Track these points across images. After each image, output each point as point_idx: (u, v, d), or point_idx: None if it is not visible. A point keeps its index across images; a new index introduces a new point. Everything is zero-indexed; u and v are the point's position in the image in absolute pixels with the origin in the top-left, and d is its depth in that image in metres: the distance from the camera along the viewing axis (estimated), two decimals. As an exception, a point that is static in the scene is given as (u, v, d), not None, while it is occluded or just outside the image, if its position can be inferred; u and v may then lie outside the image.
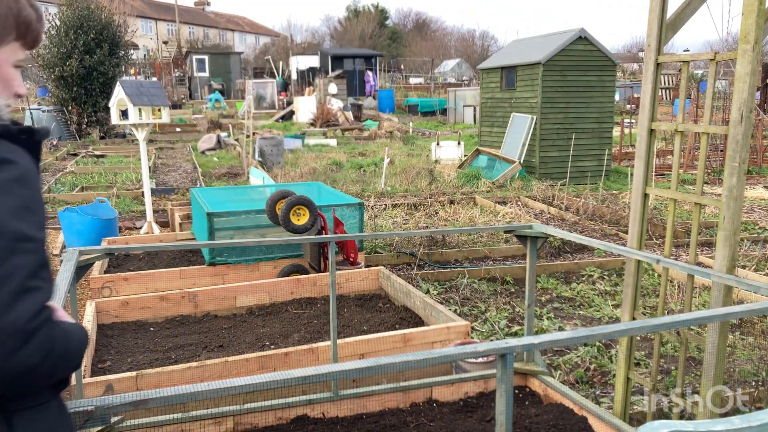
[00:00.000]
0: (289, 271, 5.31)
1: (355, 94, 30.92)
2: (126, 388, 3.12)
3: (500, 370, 1.61)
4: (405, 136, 19.27)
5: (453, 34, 59.41)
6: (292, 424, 3.01)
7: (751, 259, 6.44)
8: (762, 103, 20.35)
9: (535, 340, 1.64)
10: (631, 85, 28.28)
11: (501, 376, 1.61)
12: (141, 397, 1.33)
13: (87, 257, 2.49)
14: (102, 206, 7.03)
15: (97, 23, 16.98)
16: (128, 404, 1.31)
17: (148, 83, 7.38)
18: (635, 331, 1.78)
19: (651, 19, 2.89)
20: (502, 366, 1.60)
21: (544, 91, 11.32)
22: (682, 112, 2.91)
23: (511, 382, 1.62)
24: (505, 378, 1.60)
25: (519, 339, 1.64)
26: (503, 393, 1.61)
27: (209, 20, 62.91)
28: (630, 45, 56.40)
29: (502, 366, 1.60)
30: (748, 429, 1.03)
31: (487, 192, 10.39)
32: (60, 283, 2.07)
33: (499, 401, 1.63)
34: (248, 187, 8.44)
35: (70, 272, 2.20)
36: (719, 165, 11.76)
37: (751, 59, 2.44)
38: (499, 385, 1.62)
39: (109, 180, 11.38)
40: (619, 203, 9.12)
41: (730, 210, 2.58)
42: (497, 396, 1.63)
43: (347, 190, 9.82)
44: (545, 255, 6.84)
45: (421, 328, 4.00)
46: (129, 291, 4.87)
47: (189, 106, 28.55)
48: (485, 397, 3.36)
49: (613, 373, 3.97)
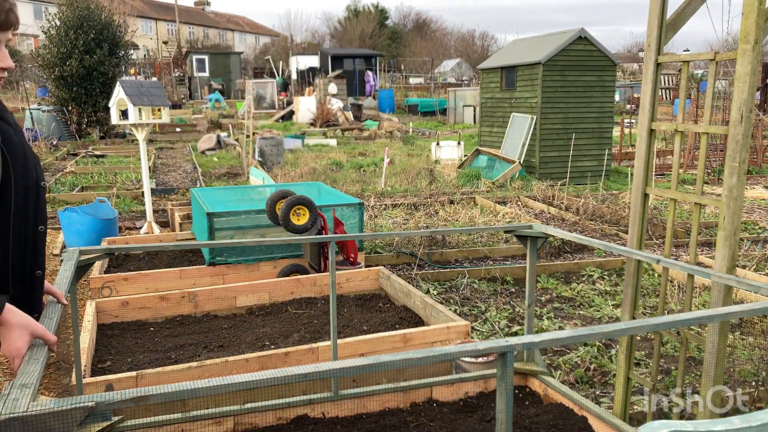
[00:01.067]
0: (289, 271, 5.31)
1: (355, 94, 30.93)
2: (126, 388, 3.11)
3: (501, 369, 1.61)
4: (405, 136, 19.28)
5: (453, 34, 59.40)
6: (292, 424, 3.01)
7: (751, 259, 6.44)
8: (762, 103, 20.35)
9: (536, 339, 1.64)
10: (631, 85, 28.28)
11: (501, 375, 1.61)
12: (142, 393, 1.32)
13: (87, 257, 2.49)
14: (102, 206, 7.03)
15: (97, 23, 16.98)
16: (129, 400, 1.31)
17: (148, 83, 7.37)
18: (635, 330, 1.78)
19: (651, 19, 2.89)
20: (502, 365, 1.60)
21: (544, 91, 11.33)
22: (682, 112, 2.91)
23: (512, 381, 1.63)
24: (505, 377, 1.60)
25: (519, 338, 1.64)
26: (504, 391, 1.61)
27: (209, 20, 62.93)
28: (630, 45, 56.42)
29: (503, 365, 1.60)
30: (748, 429, 1.03)
31: (487, 192, 10.40)
32: (60, 283, 2.07)
33: (499, 400, 1.63)
34: (248, 187, 8.44)
35: (70, 272, 2.20)
36: (719, 165, 11.77)
37: (751, 59, 2.44)
38: (500, 383, 1.63)
39: (109, 180, 11.38)
40: (619, 203, 9.12)
41: (730, 210, 2.58)
42: (498, 394, 1.63)
43: (347, 190, 9.82)
44: (545, 255, 6.84)
45: (421, 328, 4.00)
46: (129, 291, 4.87)
47: (189, 106, 28.56)
48: (485, 397, 3.36)
49: (613, 373, 3.97)
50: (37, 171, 1.77)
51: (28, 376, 1.41)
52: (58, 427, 1.23)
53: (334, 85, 25.57)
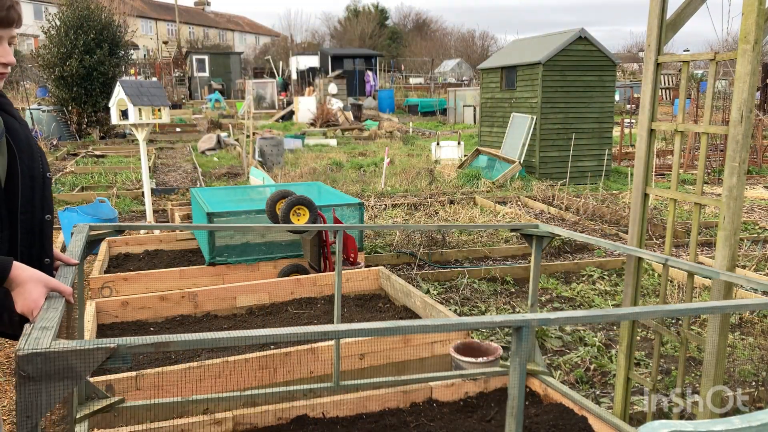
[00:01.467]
0: (289, 271, 5.31)
1: (355, 94, 30.94)
2: (126, 388, 3.12)
3: (515, 344, 1.65)
4: (405, 136, 19.27)
5: (453, 34, 59.41)
6: (292, 424, 3.01)
7: (751, 259, 6.45)
8: (762, 103, 20.35)
9: (552, 316, 1.68)
10: (631, 85, 28.28)
11: (516, 350, 1.65)
12: (163, 339, 1.35)
13: (97, 232, 2.50)
14: (102, 206, 7.03)
15: (97, 23, 16.98)
16: (149, 345, 1.34)
17: (148, 83, 7.37)
18: (644, 315, 1.86)
19: (651, 19, 2.89)
20: (517, 339, 1.65)
21: (544, 91, 11.33)
22: (682, 112, 2.91)
23: (526, 356, 1.68)
24: (520, 351, 1.64)
25: (535, 314, 1.67)
26: (517, 366, 1.65)
27: (209, 20, 62.94)
28: (630, 45, 56.43)
29: (518, 339, 1.64)
30: (748, 429, 1.03)
31: (487, 192, 10.40)
32: (72, 249, 2.06)
33: (512, 375, 1.68)
34: (248, 187, 8.45)
35: (82, 242, 2.19)
36: (719, 165, 11.77)
37: (751, 59, 2.44)
38: (513, 358, 1.67)
39: (109, 180, 11.38)
40: (619, 203, 9.12)
41: (730, 210, 2.58)
42: (511, 369, 1.68)
43: (347, 190, 9.82)
44: (545, 255, 6.84)
45: (421, 328, 3.99)
46: (129, 291, 4.87)
47: (189, 106, 28.56)
48: (485, 397, 3.36)
49: (613, 373, 3.97)
50: (43, 162, 1.81)
51: (48, 321, 1.42)
52: (79, 365, 1.25)
53: (334, 85, 25.58)
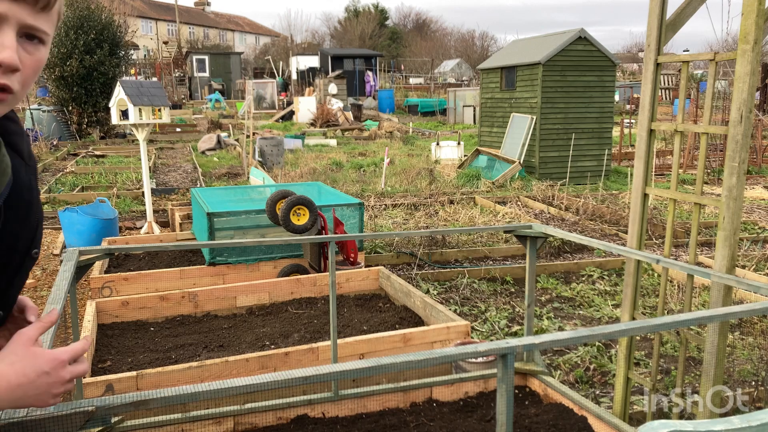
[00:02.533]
0: (289, 271, 5.31)
1: (355, 94, 30.95)
2: (126, 388, 3.12)
3: (501, 370, 1.61)
4: (405, 136, 19.27)
5: (453, 34, 59.43)
6: (292, 424, 3.01)
7: (751, 259, 6.44)
8: (762, 103, 20.35)
9: (536, 340, 1.64)
10: (631, 85, 28.28)
11: (502, 377, 1.61)
12: (142, 397, 1.32)
13: (87, 257, 2.49)
14: (102, 206, 7.03)
15: (97, 23, 16.99)
16: (129, 404, 1.30)
17: (148, 83, 7.38)
18: (635, 331, 1.78)
19: (651, 20, 2.89)
20: (503, 366, 1.60)
21: (544, 91, 11.33)
22: (681, 112, 2.91)
23: (512, 382, 1.62)
24: (505, 378, 1.60)
25: (520, 339, 1.63)
26: (504, 393, 1.61)
27: (209, 20, 62.91)
28: (630, 45, 56.43)
29: (503, 366, 1.60)
30: (747, 429, 1.03)
31: (487, 192, 10.40)
32: (60, 283, 2.07)
33: (500, 401, 1.63)
34: (248, 187, 8.44)
35: (70, 272, 2.20)
36: (719, 165, 11.76)
37: (751, 59, 2.44)
38: (500, 385, 1.62)
39: (109, 180, 11.39)
40: (619, 203, 9.12)
41: (729, 210, 2.58)
42: (498, 396, 1.63)
43: (347, 190, 9.82)
44: (545, 255, 6.84)
45: (421, 327, 4.00)
46: (129, 291, 4.87)
47: (189, 107, 28.57)
48: (485, 397, 3.36)
49: (613, 373, 3.97)
50: (36, 234, 1.20)
51: None
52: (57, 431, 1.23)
53: (334, 85, 25.58)
